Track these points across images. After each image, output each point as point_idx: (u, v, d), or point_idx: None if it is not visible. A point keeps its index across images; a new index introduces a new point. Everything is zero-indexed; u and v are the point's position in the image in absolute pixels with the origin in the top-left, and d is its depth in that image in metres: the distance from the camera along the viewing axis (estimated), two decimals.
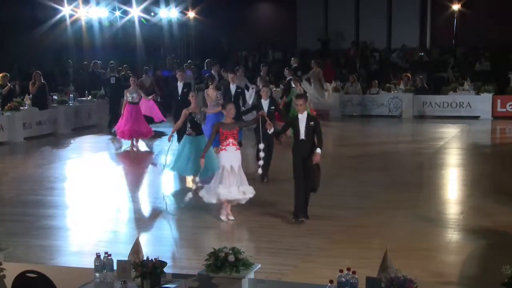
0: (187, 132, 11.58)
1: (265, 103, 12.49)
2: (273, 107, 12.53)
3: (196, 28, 30.05)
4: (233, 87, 14.94)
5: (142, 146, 16.91)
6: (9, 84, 18.74)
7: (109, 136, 19.27)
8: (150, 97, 16.97)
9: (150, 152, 16.65)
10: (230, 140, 9.53)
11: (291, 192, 9.53)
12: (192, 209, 10.83)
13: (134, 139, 16.42)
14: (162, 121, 18.41)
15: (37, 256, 8.10)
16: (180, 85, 15.70)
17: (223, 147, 9.56)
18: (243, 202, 9.68)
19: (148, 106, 17.39)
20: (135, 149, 16.32)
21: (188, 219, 10.29)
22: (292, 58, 24.14)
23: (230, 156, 9.51)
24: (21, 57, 23.49)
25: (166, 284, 5.53)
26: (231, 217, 9.63)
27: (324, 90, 22.39)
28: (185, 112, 11.42)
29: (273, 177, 12.04)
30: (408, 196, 11.27)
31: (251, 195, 9.64)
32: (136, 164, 15.14)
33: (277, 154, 12.55)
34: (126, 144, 16.76)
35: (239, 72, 18.21)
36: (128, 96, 16.02)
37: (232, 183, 9.48)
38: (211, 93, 14.27)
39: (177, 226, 9.91)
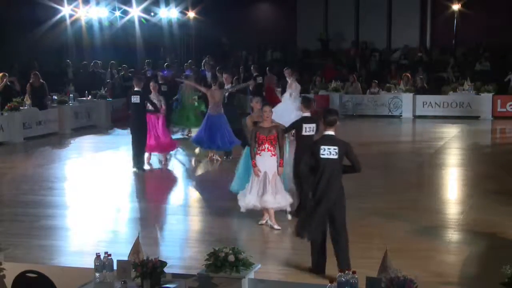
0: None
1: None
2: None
3: (196, 28, 30.03)
4: (227, 88, 14.87)
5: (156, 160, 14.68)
6: (4, 80, 18.54)
7: (109, 136, 19.33)
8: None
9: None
10: (266, 145, 8.97)
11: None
12: (192, 209, 10.85)
13: (154, 154, 14.37)
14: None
15: (37, 256, 8.10)
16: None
17: (258, 152, 9.03)
18: (284, 208, 9.24)
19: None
20: (155, 165, 14.31)
21: (188, 219, 10.31)
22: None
23: (264, 162, 8.97)
24: (21, 57, 23.48)
25: (166, 284, 5.54)
26: (277, 226, 9.12)
27: None
28: (249, 122, 9.76)
29: None
30: (408, 196, 11.27)
31: (286, 207, 9.17)
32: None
33: None
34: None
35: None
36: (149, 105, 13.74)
37: (266, 191, 8.96)
38: (214, 93, 14.07)
39: (177, 226, 9.92)
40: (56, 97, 20.50)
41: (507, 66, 24.68)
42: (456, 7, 27.52)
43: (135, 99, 13.39)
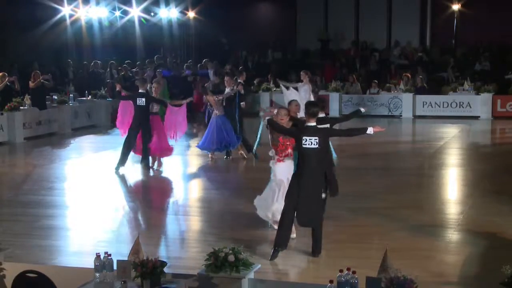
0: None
1: None
2: None
3: (196, 28, 30.04)
4: (228, 90, 14.88)
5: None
6: (5, 81, 18.55)
7: (109, 136, 19.33)
8: (184, 101, 14.00)
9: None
10: (290, 150, 8.45)
11: None
12: (192, 209, 10.85)
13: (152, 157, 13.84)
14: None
15: (37, 256, 8.09)
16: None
17: (280, 158, 8.54)
18: None
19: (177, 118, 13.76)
20: (155, 169, 13.80)
21: (188, 219, 10.31)
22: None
23: (287, 169, 8.46)
24: (21, 57, 23.49)
25: (166, 284, 5.54)
26: (293, 235, 8.46)
27: None
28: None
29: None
30: (408, 196, 11.27)
31: None
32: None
33: None
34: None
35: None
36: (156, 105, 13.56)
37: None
38: (211, 99, 14.30)
39: (177, 226, 9.92)
40: (56, 97, 20.52)
41: (507, 66, 24.69)
42: (456, 7, 27.51)
43: (140, 101, 13.15)
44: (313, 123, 7.71)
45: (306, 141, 7.59)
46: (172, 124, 13.68)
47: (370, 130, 7.97)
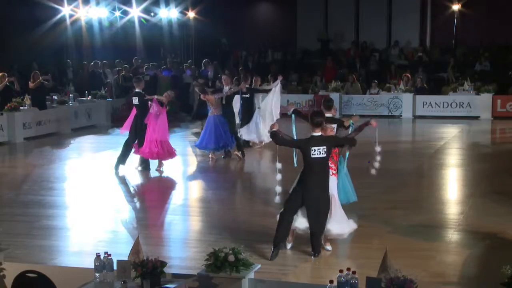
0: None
1: None
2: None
3: (196, 28, 30.04)
4: (226, 90, 14.89)
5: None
6: (5, 81, 18.55)
7: (109, 136, 19.33)
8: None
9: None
10: (329, 163, 7.97)
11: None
12: (192, 209, 10.85)
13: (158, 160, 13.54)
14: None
15: (37, 256, 8.10)
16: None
17: (334, 172, 8.25)
18: (345, 236, 8.29)
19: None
20: (156, 168, 13.50)
21: (188, 219, 10.31)
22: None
23: (331, 184, 8.03)
24: (21, 57, 23.48)
25: (166, 284, 5.54)
26: (329, 247, 8.13)
27: None
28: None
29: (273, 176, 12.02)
30: (408, 196, 11.27)
31: (350, 230, 8.23)
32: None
33: None
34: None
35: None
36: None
37: (337, 215, 8.05)
38: (210, 98, 14.34)
39: (177, 226, 9.91)
40: (56, 97, 20.52)
41: (507, 66, 24.68)
42: (456, 7, 27.52)
43: (134, 100, 13.18)
44: (318, 133, 7.67)
45: (315, 151, 7.58)
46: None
47: None
